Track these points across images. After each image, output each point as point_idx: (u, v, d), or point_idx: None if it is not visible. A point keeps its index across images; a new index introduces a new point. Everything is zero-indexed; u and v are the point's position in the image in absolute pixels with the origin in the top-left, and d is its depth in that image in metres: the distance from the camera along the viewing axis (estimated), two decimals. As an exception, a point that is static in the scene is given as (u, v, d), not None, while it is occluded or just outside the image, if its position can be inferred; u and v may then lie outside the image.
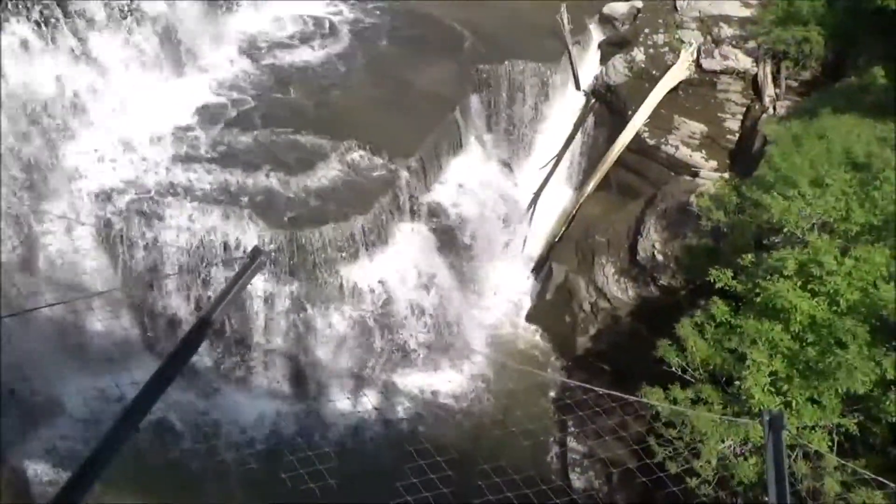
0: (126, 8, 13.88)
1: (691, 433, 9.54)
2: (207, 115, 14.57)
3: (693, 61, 16.34)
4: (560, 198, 18.07)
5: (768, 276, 9.85)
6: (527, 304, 16.97)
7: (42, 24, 12.65)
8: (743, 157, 15.35)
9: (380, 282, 14.39)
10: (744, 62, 16.10)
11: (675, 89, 16.31)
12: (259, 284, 13.25)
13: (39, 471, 12.67)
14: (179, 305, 13.14)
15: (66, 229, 12.87)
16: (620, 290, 15.53)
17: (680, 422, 9.64)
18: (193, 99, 14.79)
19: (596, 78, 17.85)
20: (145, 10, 14.21)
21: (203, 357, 13.23)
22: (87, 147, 13.39)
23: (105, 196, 12.84)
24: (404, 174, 14.74)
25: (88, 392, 13.45)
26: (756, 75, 15.94)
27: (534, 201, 17.72)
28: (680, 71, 16.28)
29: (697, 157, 15.83)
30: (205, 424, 13.97)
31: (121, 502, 11.29)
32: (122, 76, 13.88)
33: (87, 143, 13.42)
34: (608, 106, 17.44)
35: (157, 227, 12.69)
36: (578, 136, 18.02)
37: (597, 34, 19.30)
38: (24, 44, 12.41)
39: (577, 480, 13.80)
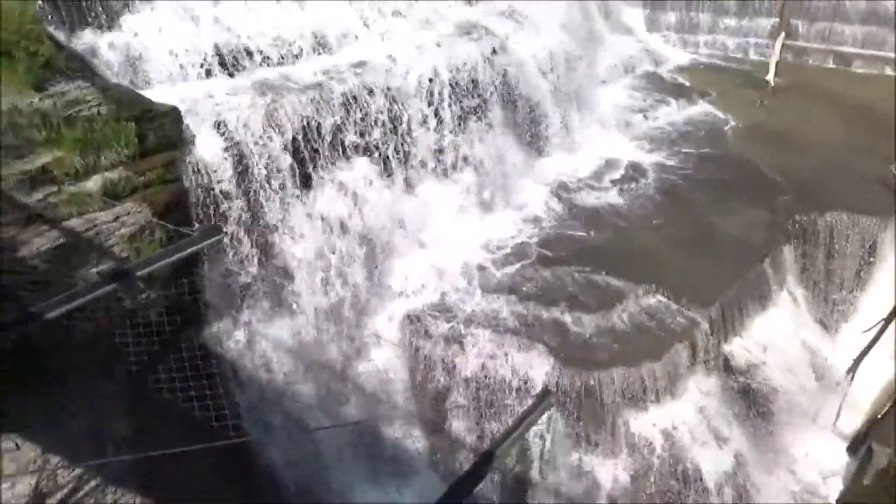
0: (454, 154, 15.40)
1: None
2: (513, 250, 15.36)
3: None
4: (886, 368, 15.85)
5: None
6: (838, 485, 14.79)
7: (383, 165, 14.39)
8: None
9: (667, 436, 13.55)
10: None
11: None
12: (542, 420, 13.20)
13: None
14: (467, 432, 13.50)
15: (376, 344, 14.05)
16: (964, 490, 12.96)
17: None
18: (502, 234, 15.74)
19: (937, 235, 15.91)
20: (469, 154, 15.62)
21: (483, 486, 13.32)
22: (402, 272, 14.69)
23: (414, 318, 13.88)
24: (703, 324, 14.01)
25: (376, 501, 14.17)
26: None
27: (853, 369, 15.70)
28: None
29: None
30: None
31: None
32: (441, 211, 15.28)
33: (403, 268, 14.73)
34: (952, 268, 15.37)
35: (455, 352, 13.35)
36: (913, 299, 15.93)
37: (938, 187, 17.27)
38: (368, 179, 14.20)
39: None
